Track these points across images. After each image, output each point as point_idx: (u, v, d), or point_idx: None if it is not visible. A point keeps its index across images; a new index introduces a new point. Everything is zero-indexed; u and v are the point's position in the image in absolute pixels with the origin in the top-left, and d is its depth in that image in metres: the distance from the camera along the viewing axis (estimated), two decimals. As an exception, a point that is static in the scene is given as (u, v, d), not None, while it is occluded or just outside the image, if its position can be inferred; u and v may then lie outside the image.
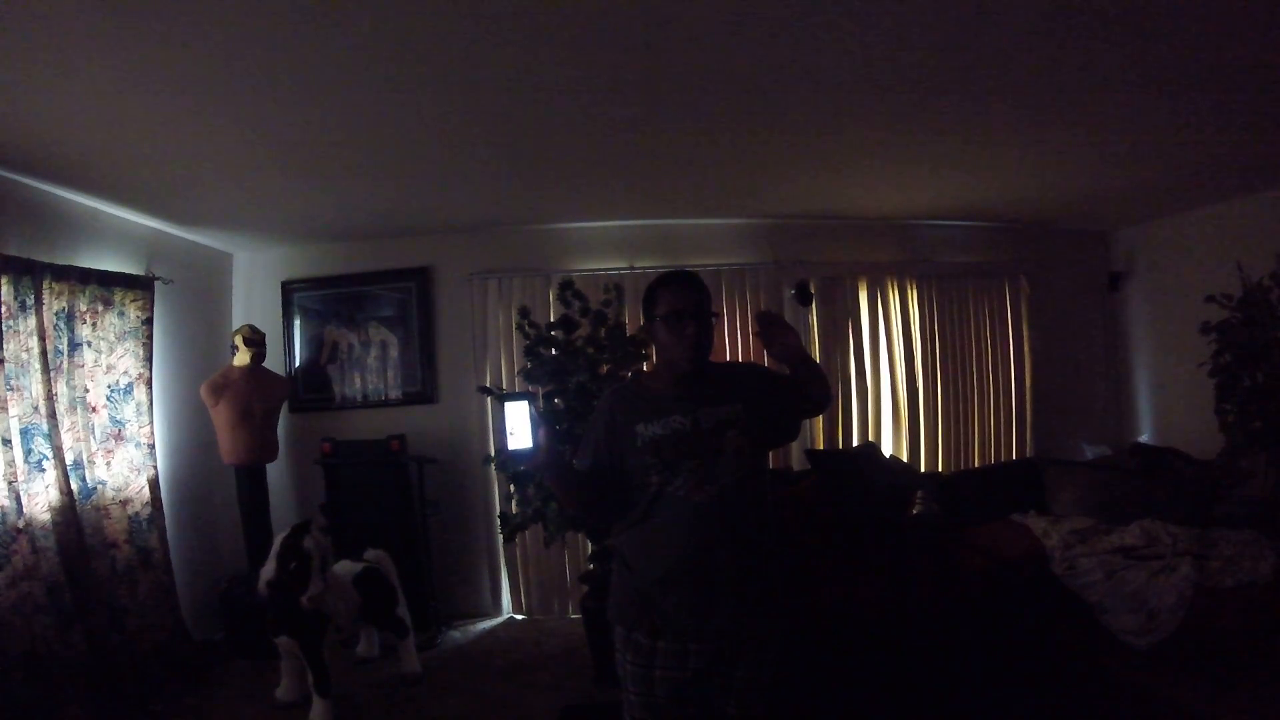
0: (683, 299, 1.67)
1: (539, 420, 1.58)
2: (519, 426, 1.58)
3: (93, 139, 2.68)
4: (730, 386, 1.72)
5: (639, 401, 1.72)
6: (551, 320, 3.57)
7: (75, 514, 3.04)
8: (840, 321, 4.63)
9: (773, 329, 1.74)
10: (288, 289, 4.56)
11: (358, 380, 4.55)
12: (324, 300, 4.57)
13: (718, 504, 1.62)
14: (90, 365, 3.28)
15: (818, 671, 2.87)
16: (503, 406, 1.61)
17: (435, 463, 4.18)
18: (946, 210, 4.52)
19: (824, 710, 2.78)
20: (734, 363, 2.21)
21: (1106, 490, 3.75)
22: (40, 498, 2.92)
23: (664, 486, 1.63)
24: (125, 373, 3.45)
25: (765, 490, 1.76)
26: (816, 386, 1.75)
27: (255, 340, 3.90)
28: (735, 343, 4.50)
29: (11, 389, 2.84)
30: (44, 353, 2.97)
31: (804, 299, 4.53)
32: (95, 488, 3.22)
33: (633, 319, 4.12)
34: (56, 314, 3.09)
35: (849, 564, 3.30)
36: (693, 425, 1.64)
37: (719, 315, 3.96)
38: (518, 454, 1.60)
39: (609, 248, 4.52)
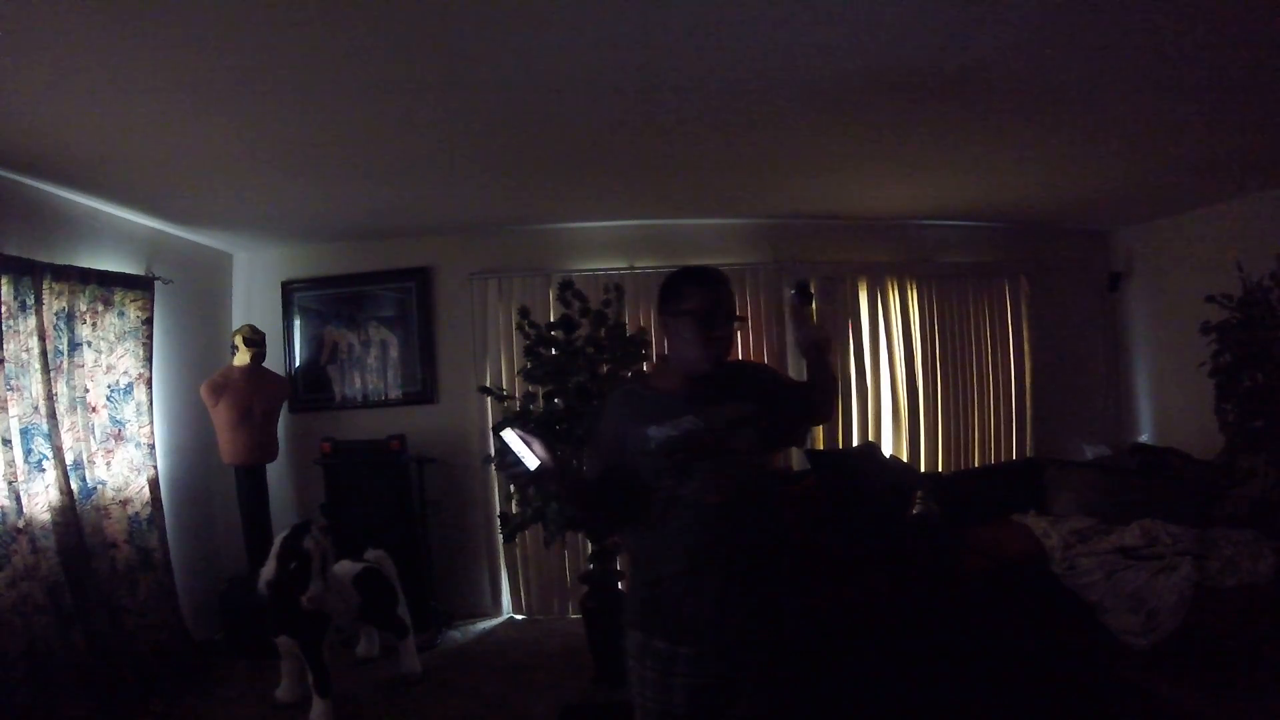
0: (714, 299, 1.64)
1: (529, 437, 1.42)
2: (519, 449, 1.40)
3: (93, 139, 2.67)
4: (740, 385, 1.69)
5: (648, 403, 1.66)
6: (551, 320, 3.57)
7: (75, 514, 3.04)
8: (840, 321, 4.63)
9: (807, 308, 1.77)
10: (288, 289, 4.56)
11: (358, 380, 4.55)
12: (324, 300, 4.57)
13: (731, 506, 1.58)
14: (90, 365, 3.28)
15: (818, 671, 2.87)
16: (500, 438, 1.43)
17: (435, 463, 4.18)
18: (946, 210, 4.51)
19: (825, 710, 2.77)
20: (742, 361, 2.21)
21: (1106, 490, 3.74)
22: (40, 498, 2.93)
23: (677, 489, 1.58)
24: (125, 373, 3.45)
25: (773, 491, 1.73)
26: (823, 394, 1.75)
27: (255, 340, 3.90)
28: (735, 342, 4.49)
29: (11, 389, 2.84)
30: (44, 353, 2.97)
31: (804, 299, 4.52)
32: (95, 488, 3.22)
33: (633, 319, 4.12)
34: (56, 314, 3.09)
35: (849, 564, 3.30)
36: (706, 425, 1.59)
37: (744, 318, 3.91)
38: (518, 474, 1.43)
39: (609, 248, 4.52)
